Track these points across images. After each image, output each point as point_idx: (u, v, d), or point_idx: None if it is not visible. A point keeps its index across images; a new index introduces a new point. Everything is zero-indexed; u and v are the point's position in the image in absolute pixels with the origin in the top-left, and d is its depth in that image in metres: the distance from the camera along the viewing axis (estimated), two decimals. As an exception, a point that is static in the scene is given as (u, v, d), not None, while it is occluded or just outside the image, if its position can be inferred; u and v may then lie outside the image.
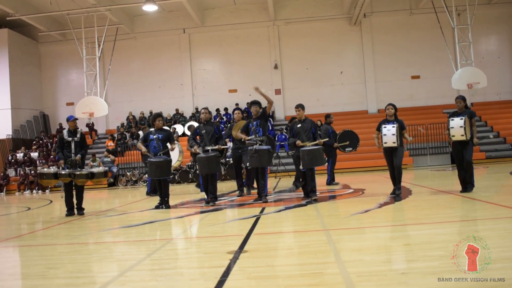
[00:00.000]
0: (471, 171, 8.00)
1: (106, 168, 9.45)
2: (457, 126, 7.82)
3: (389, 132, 8.13)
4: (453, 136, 7.89)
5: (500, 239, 4.30)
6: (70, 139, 8.60)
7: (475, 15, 19.73)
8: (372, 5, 23.10)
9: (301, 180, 10.01)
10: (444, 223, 5.38)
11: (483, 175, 12.77)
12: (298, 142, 8.47)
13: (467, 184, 8.03)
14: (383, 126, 8.24)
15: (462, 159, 8.03)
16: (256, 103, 8.86)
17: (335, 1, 23.90)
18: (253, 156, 8.38)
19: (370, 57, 23.89)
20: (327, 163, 11.65)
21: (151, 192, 12.53)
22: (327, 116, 12.00)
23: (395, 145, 8.09)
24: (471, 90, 19.49)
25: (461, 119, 7.81)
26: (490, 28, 23.57)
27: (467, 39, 19.79)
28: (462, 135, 7.77)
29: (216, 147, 8.58)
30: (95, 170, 8.96)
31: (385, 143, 8.15)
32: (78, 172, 8.48)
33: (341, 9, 23.79)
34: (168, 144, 8.82)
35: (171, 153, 8.98)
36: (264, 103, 8.92)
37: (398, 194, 8.20)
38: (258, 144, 8.42)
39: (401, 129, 8.21)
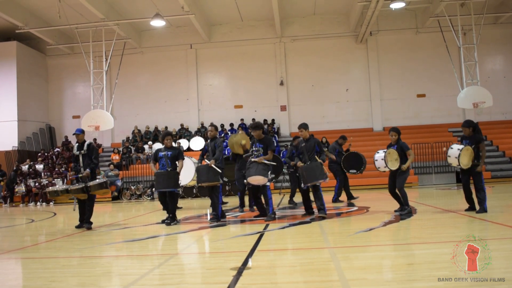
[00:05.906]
0: (483, 196, 7.74)
1: (104, 180, 9.01)
2: (452, 156, 7.85)
3: (379, 156, 8.61)
4: (451, 163, 7.98)
5: (504, 260, 4.26)
6: (78, 152, 8.63)
7: (481, 34, 19.84)
8: (378, 23, 23.25)
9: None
10: (449, 243, 5.33)
11: (489, 195, 12.60)
12: (299, 163, 8.29)
13: (474, 204, 7.97)
14: (376, 152, 8.50)
15: (467, 181, 8.00)
16: (257, 127, 8.50)
17: (341, 19, 24.09)
18: (249, 168, 8.21)
19: (376, 75, 23.97)
20: (330, 179, 11.62)
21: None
22: (341, 137, 12.13)
23: (387, 169, 8.34)
24: (477, 109, 19.50)
25: (458, 149, 7.73)
26: (496, 47, 23.69)
27: (473, 58, 19.86)
28: (458, 165, 7.75)
29: (209, 163, 8.43)
30: (90, 183, 8.48)
31: (378, 168, 8.47)
32: (73, 187, 8.43)
33: (347, 27, 23.97)
34: (177, 163, 8.64)
35: (186, 171, 8.81)
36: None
37: (406, 212, 8.19)
38: (254, 156, 8.26)
39: (401, 151, 8.20)
